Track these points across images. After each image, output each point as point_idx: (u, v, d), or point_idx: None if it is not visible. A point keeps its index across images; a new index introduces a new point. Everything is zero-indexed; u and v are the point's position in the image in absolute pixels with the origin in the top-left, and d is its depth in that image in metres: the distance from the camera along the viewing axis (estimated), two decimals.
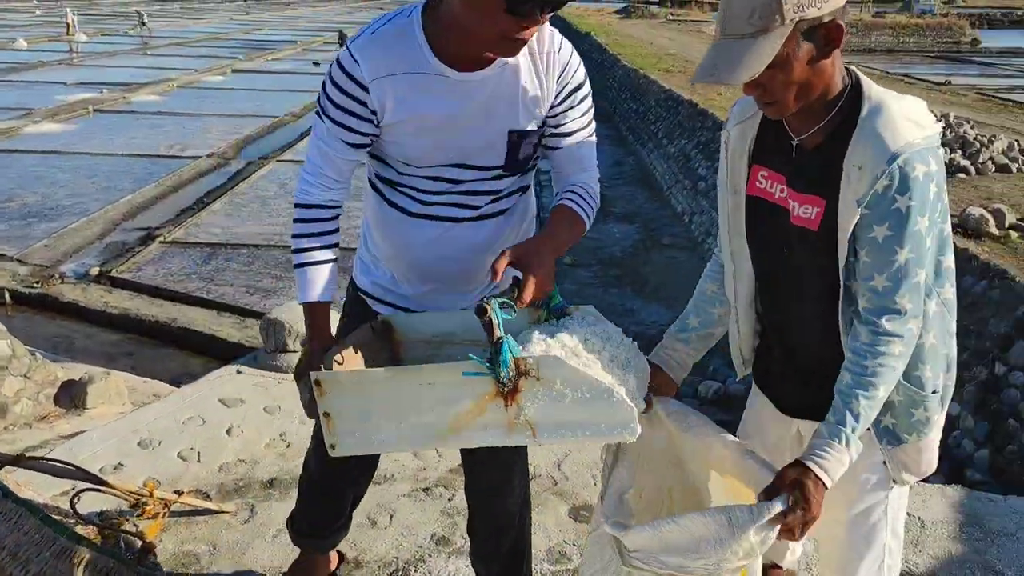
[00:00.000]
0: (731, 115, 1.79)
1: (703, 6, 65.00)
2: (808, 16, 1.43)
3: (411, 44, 1.67)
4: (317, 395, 1.55)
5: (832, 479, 1.53)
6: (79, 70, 26.91)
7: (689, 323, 1.93)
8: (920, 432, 1.67)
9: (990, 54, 42.64)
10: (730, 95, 15.60)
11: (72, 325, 8.77)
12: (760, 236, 1.75)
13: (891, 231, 1.50)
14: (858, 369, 1.55)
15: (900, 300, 1.53)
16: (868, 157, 1.49)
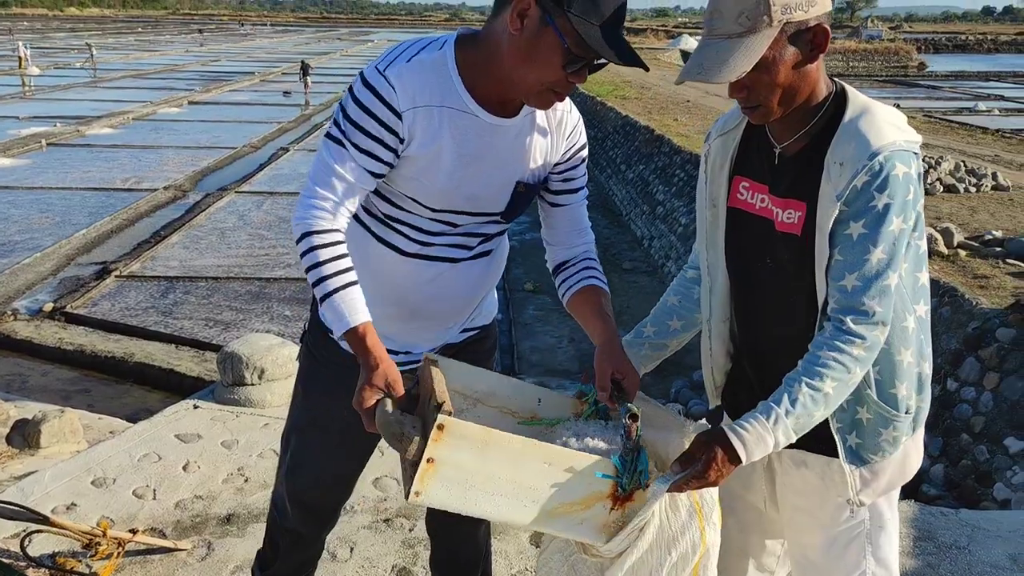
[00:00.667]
0: (712, 129, 1.79)
1: (658, 34, 66.18)
2: (795, 19, 1.44)
3: (445, 78, 1.64)
4: (432, 438, 1.42)
5: (747, 452, 1.49)
6: (32, 104, 26.56)
7: (644, 331, 1.90)
8: (884, 452, 1.63)
9: (936, 77, 43.98)
10: (687, 121, 15.88)
11: (25, 363, 8.60)
12: (740, 248, 1.71)
13: (866, 229, 1.47)
14: (811, 359, 1.52)
15: (869, 301, 1.49)
16: (849, 153, 1.48)
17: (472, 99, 1.65)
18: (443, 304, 1.85)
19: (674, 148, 13.27)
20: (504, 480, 1.49)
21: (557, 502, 1.51)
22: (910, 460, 1.68)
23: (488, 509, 1.51)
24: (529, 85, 1.59)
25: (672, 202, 12.38)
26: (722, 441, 1.50)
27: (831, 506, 1.70)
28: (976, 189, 9.99)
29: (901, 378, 1.59)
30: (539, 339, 9.36)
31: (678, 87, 22.88)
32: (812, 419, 1.52)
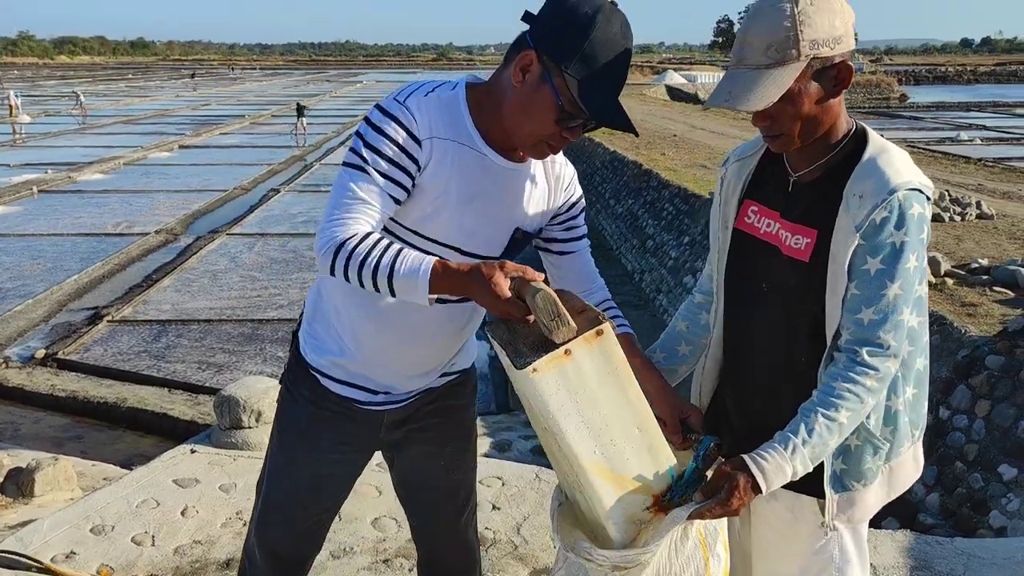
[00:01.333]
0: (731, 154, 1.85)
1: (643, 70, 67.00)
2: (821, 55, 1.49)
3: (458, 117, 1.70)
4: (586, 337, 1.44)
5: (767, 481, 1.53)
6: (23, 151, 26.65)
7: (654, 357, 1.93)
8: (865, 480, 1.67)
9: (918, 108, 44.58)
10: (674, 155, 16.04)
11: (18, 410, 8.55)
12: (739, 270, 1.77)
13: (884, 264, 1.52)
14: (826, 389, 1.55)
15: (884, 335, 1.53)
16: (869, 187, 1.52)
17: (482, 139, 1.71)
18: (428, 345, 1.87)
19: (662, 182, 13.40)
20: (601, 415, 1.52)
21: (619, 467, 1.55)
22: (883, 492, 1.71)
23: (569, 429, 1.50)
24: (524, 136, 1.66)
25: (662, 236, 12.47)
26: (744, 471, 1.54)
27: (802, 538, 1.74)
28: (961, 218, 10.11)
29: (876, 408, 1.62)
30: None
31: (664, 122, 23.18)
32: (827, 448, 1.57)
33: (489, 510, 3.38)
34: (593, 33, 1.56)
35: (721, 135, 19.81)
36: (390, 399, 1.90)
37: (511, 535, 3.24)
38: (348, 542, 3.15)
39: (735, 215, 1.77)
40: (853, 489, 1.67)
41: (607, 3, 1.59)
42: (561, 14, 1.59)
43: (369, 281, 1.52)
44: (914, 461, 1.73)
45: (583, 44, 1.56)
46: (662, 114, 26.52)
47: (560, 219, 1.89)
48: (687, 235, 11.52)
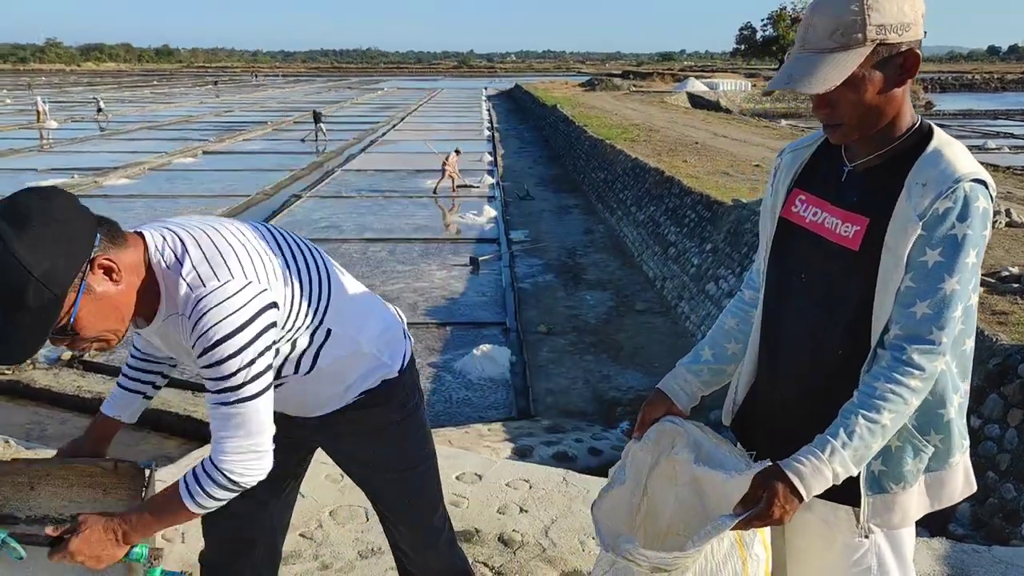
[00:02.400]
0: (787, 146, 1.81)
1: (664, 77, 66.91)
2: (889, 41, 1.44)
3: None
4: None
5: (806, 488, 1.49)
6: (50, 156, 27.00)
7: (703, 355, 1.90)
8: (905, 483, 1.61)
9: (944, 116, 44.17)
10: (696, 162, 15.98)
11: (45, 411, 8.64)
12: (782, 260, 1.72)
13: (943, 257, 1.46)
14: (867, 390, 1.50)
15: (936, 331, 1.47)
16: (934, 176, 1.47)
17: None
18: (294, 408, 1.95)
19: (684, 189, 13.35)
20: None
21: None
22: (924, 501, 1.64)
23: None
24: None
25: (684, 243, 12.41)
26: (781, 478, 1.50)
27: (836, 549, 1.68)
28: (992, 225, 9.99)
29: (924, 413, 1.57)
30: (554, 381, 9.34)
31: (686, 129, 23.11)
32: (869, 451, 1.51)
33: (517, 513, 3.36)
34: None
35: (743, 142, 19.72)
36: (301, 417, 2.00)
37: (539, 538, 3.21)
38: (376, 542, 3.14)
39: (783, 204, 1.73)
40: (891, 491, 1.61)
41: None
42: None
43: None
44: (965, 474, 1.66)
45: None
46: (684, 121, 26.45)
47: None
48: (709, 242, 11.45)
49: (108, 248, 1.55)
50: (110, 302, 1.55)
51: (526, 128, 38.54)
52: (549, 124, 33.18)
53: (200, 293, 1.57)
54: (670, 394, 1.88)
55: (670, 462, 1.83)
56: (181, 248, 1.63)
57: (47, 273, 1.42)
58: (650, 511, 1.86)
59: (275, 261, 1.72)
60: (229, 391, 1.60)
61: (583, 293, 12.58)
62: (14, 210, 1.43)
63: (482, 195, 20.15)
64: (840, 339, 1.61)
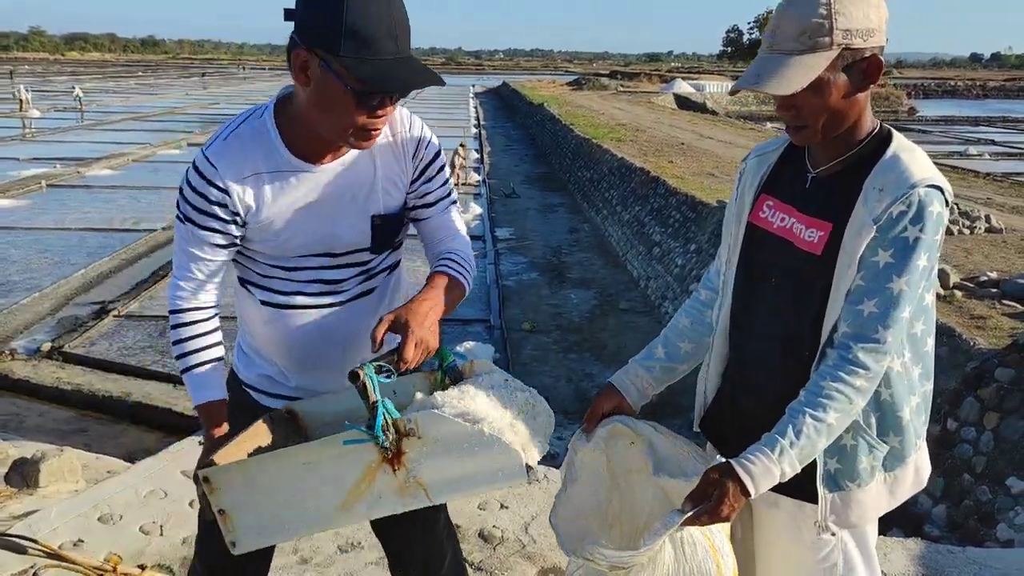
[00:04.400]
0: (752, 150, 1.85)
1: (652, 78, 67.03)
2: (854, 45, 1.48)
3: (266, 143, 1.71)
4: (208, 492, 1.50)
5: (755, 485, 1.51)
6: (32, 146, 26.73)
7: (655, 353, 1.93)
8: (861, 480, 1.64)
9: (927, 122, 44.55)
10: (681, 163, 16.04)
11: (23, 403, 8.57)
12: (750, 265, 1.75)
13: (893, 259, 1.50)
14: (814, 388, 1.53)
15: (883, 330, 1.50)
16: (890, 180, 1.51)
17: (293, 155, 1.71)
18: (331, 351, 1.86)
19: (670, 190, 13.39)
20: (292, 498, 1.51)
21: (345, 491, 1.50)
22: (882, 499, 1.68)
23: (301, 527, 1.56)
24: (335, 131, 1.63)
25: (668, 243, 12.46)
26: (732, 476, 1.52)
27: (803, 545, 1.72)
28: (970, 231, 10.09)
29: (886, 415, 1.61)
30: (537, 379, 9.35)
31: (672, 130, 23.19)
32: (816, 449, 1.54)
33: (497, 509, 3.38)
34: (346, 5, 1.50)
35: (729, 144, 19.81)
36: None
37: (519, 534, 3.22)
38: (356, 536, 3.14)
39: (750, 209, 1.76)
40: (847, 489, 1.65)
41: None
42: (311, 0, 1.54)
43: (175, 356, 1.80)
44: (915, 471, 1.70)
45: (341, 21, 1.50)
46: (670, 122, 26.53)
47: (415, 186, 1.85)
48: (694, 243, 11.51)
49: None
50: None
51: (513, 126, 38.52)
52: (536, 122, 33.18)
53: (406, 112, 1.79)
54: (621, 389, 1.90)
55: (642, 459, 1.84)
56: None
57: None
58: (626, 507, 1.87)
59: None
60: (453, 190, 1.89)
61: (567, 291, 12.61)
62: None
63: (468, 192, 20.14)
64: (807, 342, 1.64)
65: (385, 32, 1.52)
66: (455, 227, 1.89)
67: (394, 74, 1.54)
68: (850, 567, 1.72)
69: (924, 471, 1.72)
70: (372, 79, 1.52)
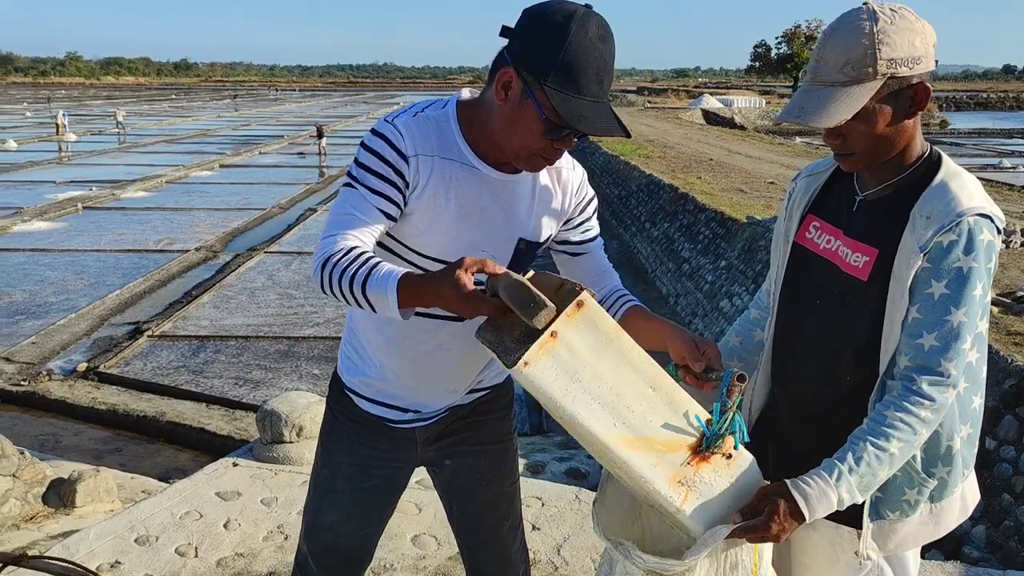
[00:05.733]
0: (802, 170, 1.83)
1: (679, 94, 67.00)
2: (899, 74, 1.45)
3: (448, 134, 1.72)
4: (567, 313, 1.37)
5: (810, 509, 1.48)
6: (69, 169, 27.29)
7: (730, 341, 1.91)
8: (903, 512, 1.61)
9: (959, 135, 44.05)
10: (710, 179, 15.98)
11: (60, 422, 8.71)
12: (794, 286, 1.73)
13: (948, 289, 1.46)
14: (877, 418, 1.50)
15: (945, 363, 1.47)
16: (938, 209, 1.47)
17: (474, 154, 1.71)
18: (448, 362, 1.86)
19: (699, 206, 13.35)
20: (608, 387, 1.44)
21: (644, 432, 1.48)
22: (926, 529, 1.64)
23: (580, 411, 1.42)
24: (515, 150, 1.65)
25: (698, 259, 12.40)
26: (785, 496, 1.50)
27: (839, 569, 1.69)
28: (1006, 246, 9.94)
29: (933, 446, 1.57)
30: None
31: (700, 146, 23.13)
32: (876, 479, 1.51)
33: (529, 530, 3.37)
34: (568, 42, 1.53)
35: (758, 159, 19.71)
36: (420, 417, 1.92)
37: (551, 556, 3.21)
38: (388, 559, 3.15)
39: (796, 229, 1.75)
40: (887, 519, 1.62)
41: (580, 9, 1.55)
42: (534, 26, 1.57)
43: (349, 295, 1.51)
44: (962, 501, 1.66)
45: (559, 55, 1.53)
46: (698, 138, 26.47)
47: (573, 223, 1.89)
48: (723, 259, 11.44)
49: None
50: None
51: None
52: None
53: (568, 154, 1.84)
54: None
55: None
56: None
57: None
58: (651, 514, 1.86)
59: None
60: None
61: None
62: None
63: None
64: (849, 367, 1.62)
65: (594, 76, 1.56)
66: (608, 265, 1.99)
67: (589, 115, 1.58)
68: None
69: (971, 500, 1.68)
70: (568, 115, 1.56)
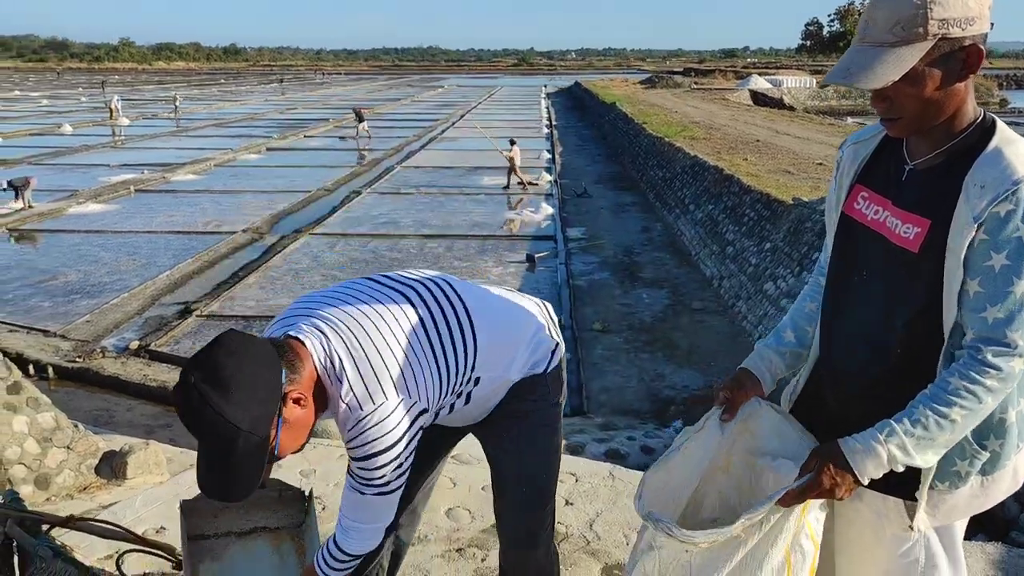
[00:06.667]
0: (849, 137, 1.79)
1: (727, 74, 65.99)
2: (951, 35, 1.41)
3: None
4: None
5: (859, 467, 1.49)
6: (122, 152, 27.86)
7: (785, 337, 1.89)
8: (952, 484, 1.60)
9: (1020, 114, 42.69)
10: (756, 160, 15.76)
11: (112, 398, 8.96)
12: (842, 256, 1.71)
13: (1009, 260, 1.42)
14: (941, 384, 1.49)
15: (1012, 334, 1.44)
16: (993, 177, 1.43)
17: None
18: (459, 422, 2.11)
19: (744, 188, 13.18)
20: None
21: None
22: (976, 501, 1.63)
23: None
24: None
25: (742, 242, 12.27)
26: (835, 451, 1.52)
27: (885, 541, 1.68)
28: None
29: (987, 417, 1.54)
30: (608, 379, 9.33)
31: (747, 127, 22.80)
32: (934, 443, 1.49)
33: (562, 505, 3.40)
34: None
35: (806, 140, 19.37)
36: None
37: (584, 530, 3.24)
38: (423, 530, 3.21)
39: (845, 200, 1.71)
40: (936, 489, 1.60)
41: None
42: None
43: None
44: (1014, 473, 1.64)
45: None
46: (745, 119, 26.10)
47: None
48: (768, 241, 11.30)
49: (292, 380, 1.71)
50: (300, 422, 1.75)
51: (584, 126, 38.44)
52: (608, 122, 33.04)
53: (358, 415, 1.76)
54: (757, 375, 1.86)
55: (727, 455, 1.83)
56: (339, 365, 1.78)
57: (252, 422, 1.62)
58: (693, 501, 1.87)
59: (424, 356, 1.86)
60: (372, 486, 1.82)
61: (639, 291, 12.52)
62: (214, 375, 1.61)
63: (539, 192, 20.18)
64: (897, 340, 1.59)
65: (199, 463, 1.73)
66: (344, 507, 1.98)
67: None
68: (932, 564, 1.67)
69: (1020, 470, 1.66)
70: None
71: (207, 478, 1.66)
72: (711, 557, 1.60)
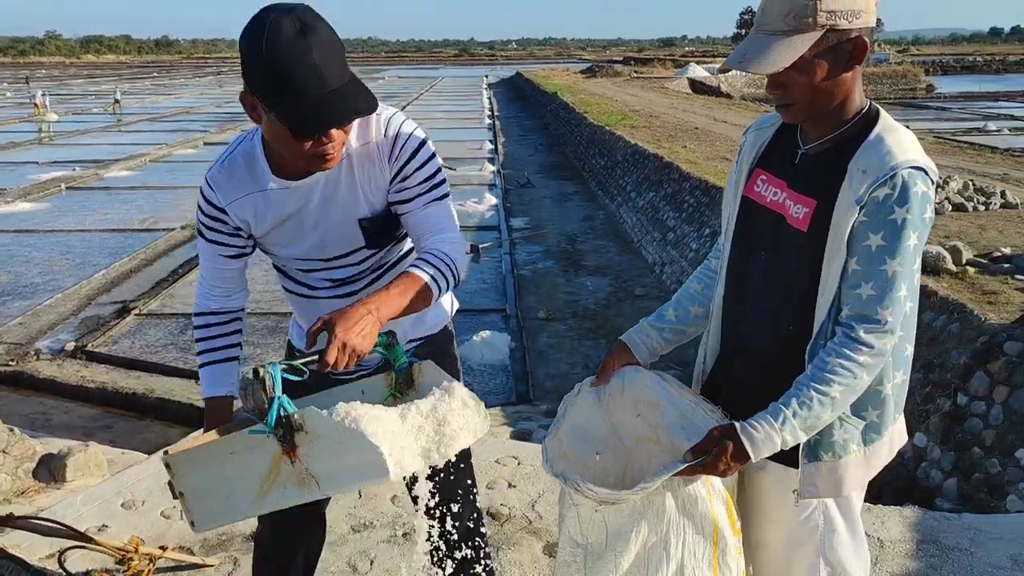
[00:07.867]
0: (751, 125, 1.91)
1: (665, 63, 66.70)
2: (839, 27, 1.52)
3: (255, 164, 1.87)
4: (170, 477, 1.66)
5: (755, 450, 1.60)
6: (51, 149, 27.08)
7: (666, 315, 2.00)
8: (834, 454, 1.70)
9: (945, 99, 44.07)
10: (695, 148, 16.03)
11: (49, 401, 8.77)
12: (743, 237, 1.81)
13: (884, 241, 1.54)
14: (820, 364, 1.59)
15: (882, 311, 1.56)
16: (873, 162, 1.54)
17: (275, 175, 1.85)
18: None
19: (683, 175, 13.41)
20: (229, 484, 1.64)
21: (260, 479, 1.60)
22: (859, 471, 1.73)
23: (239, 512, 1.69)
24: (293, 159, 1.77)
25: (683, 228, 12.49)
26: (733, 438, 1.61)
27: (788, 508, 1.79)
28: (985, 207, 10.05)
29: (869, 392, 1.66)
30: (553, 366, 9.45)
31: (686, 115, 23.14)
32: (819, 421, 1.62)
33: (505, 488, 3.47)
34: (267, 54, 1.55)
35: (743, 127, 19.67)
36: (360, 369, 2.03)
37: (526, 511, 3.32)
38: (368, 517, 3.25)
39: (745, 182, 1.82)
40: (823, 460, 1.71)
41: (271, 16, 1.57)
42: (244, 48, 1.61)
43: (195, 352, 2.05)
44: (890, 444, 1.76)
45: (267, 69, 1.57)
46: (684, 107, 26.47)
47: (394, 184, 1.89)
48: (708, 227, 11.53)
49: None
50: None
51: (527, 116, 38.52)
52: (550, 111, 33.17)
53: (387, 114, 1.84)
54: (631, 346, 1.98)
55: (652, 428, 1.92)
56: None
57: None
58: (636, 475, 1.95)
59: None
60: (441, 185, 1.88)
61: (583, 279, 12.68)
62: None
63: (483, 183, 20.22)
64: (792, 318, 1.71)
65: (309, 73, 1.57)
66: (436, 223, 1.89)
67: (320, 113, 1.61)
68: (831, 528, 1.79)
69: (899, 442, 1.79)
70: (297, 123, 1.62)
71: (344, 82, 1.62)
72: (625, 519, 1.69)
